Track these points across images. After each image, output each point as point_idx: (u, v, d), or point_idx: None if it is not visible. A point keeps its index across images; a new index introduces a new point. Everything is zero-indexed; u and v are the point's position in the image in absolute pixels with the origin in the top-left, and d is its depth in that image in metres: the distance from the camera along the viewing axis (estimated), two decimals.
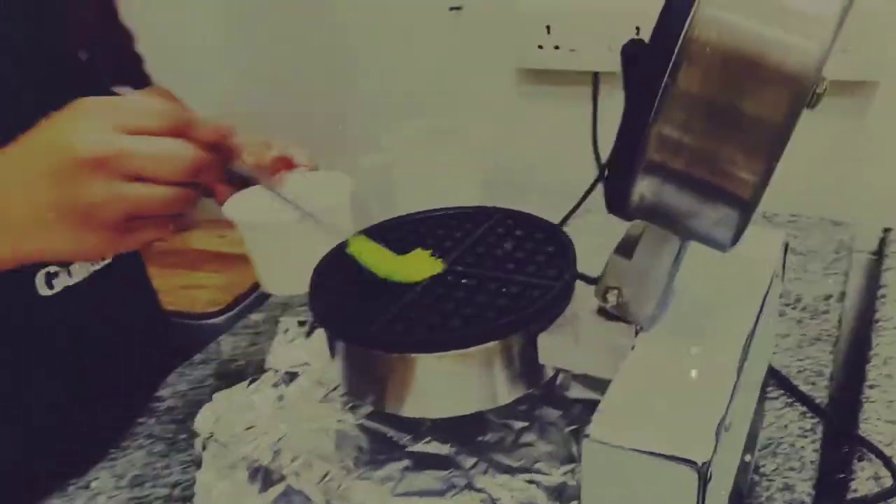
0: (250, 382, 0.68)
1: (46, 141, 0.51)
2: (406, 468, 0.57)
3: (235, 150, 0.59)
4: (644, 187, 0.41)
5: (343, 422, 0.62)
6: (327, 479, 0.57)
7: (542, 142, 1.21)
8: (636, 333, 0.51)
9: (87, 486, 0.74)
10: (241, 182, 0.61)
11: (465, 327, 0.54)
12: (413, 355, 0.53)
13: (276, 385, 0.68)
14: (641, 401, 0.45)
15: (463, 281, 0.59)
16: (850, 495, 0.65)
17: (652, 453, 0.42)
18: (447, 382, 0.55)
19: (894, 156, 0.98)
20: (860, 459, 0.67)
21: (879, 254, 0.97)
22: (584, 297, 0.57)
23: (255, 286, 1.32)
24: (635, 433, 0.43)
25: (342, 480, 0.57)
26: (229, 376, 0.87)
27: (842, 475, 0.67)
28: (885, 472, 0.66)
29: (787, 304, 0.86)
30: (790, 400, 0.74)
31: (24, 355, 0.75)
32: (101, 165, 0.49)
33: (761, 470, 0.67)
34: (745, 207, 0.39)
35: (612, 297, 0.49)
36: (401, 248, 0.64)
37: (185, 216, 0.56)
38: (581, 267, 0.94)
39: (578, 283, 0.59)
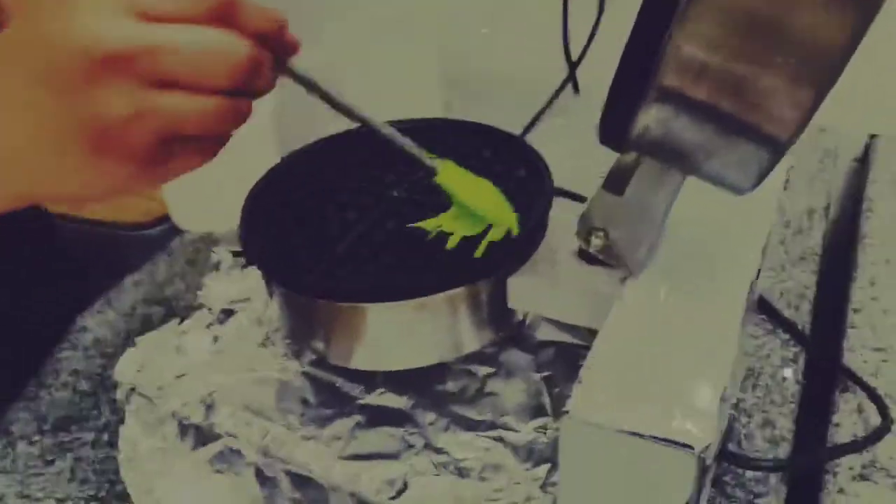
0: (180, 321, 0.60)
1: (42, 33, 0.36)
2: (357, 425, 0.51)
3: (292, 45, 0.43)
4: (652, 117, 0.33)
5: (286, 370, 0.55)
6: (267, 438, 0.51)
7: (505, 34, 1.11)
8: (623, 280, 0.44)
9: (7, 432, 0.66)
10: None
11: (424, 272, 0.46)
12: (364, 305, 0.46)
13: (209, 325, 0.60)
14: (629, 368, 0.39)
15: (420, 212, 0.51)
16: (833, 430, 0.61)
17: (642, 435, 0.35)
18: (403, 333, 0.48)
19: (883, 57, 0.90)
20: (844, 391, 0.63)
21: (864, 161, 0.91)
22: (559, 231, 0.49)
23: None
24: (622, 410, 0.36)
25: (285, 440, 0.50)
26: (162, 303, 0.79)
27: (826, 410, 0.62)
28: (869, 405, 0.62)
29: None
30: (771, 326, 0.69)
31: None
32: (123, 67, 0.35)
33: (741, 405, 0.63)
34: (779, 149, 0.32)
35: (596, 240, 0.42)
36: (350, 168, 0.56)
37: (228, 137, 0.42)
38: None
39: (553, 214, 0.51)
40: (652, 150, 0.35)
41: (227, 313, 0.61)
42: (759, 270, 0.44)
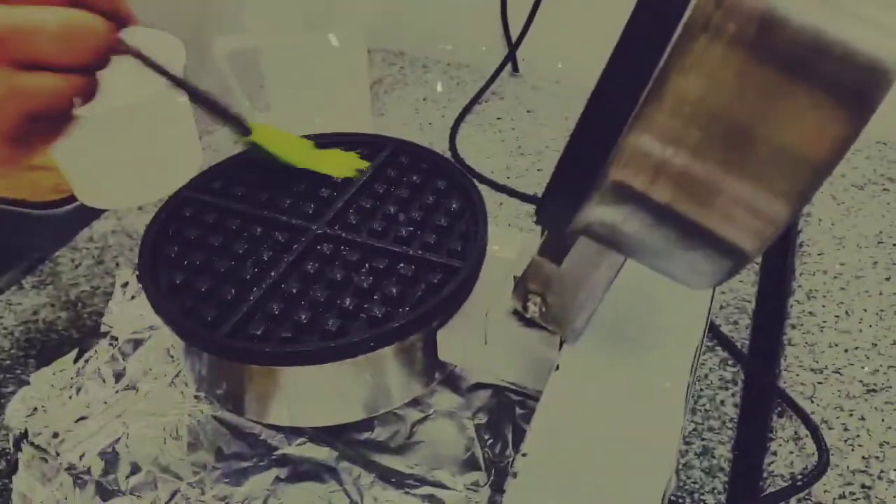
0: (79, 355, 0.55)
1: None
2: (275, 481, 0.47)
3: (131, 17, 0.43)
4: (597, 215, 0.29)
5: (197, 413, 0.51)
6: (175, 498, 0.46)
7: (444, 13, 1.05)
8: (560, 345, 0.40)
9: None
10: None
11: (344, 329, 0.42)
12: (278, 368, 0.42)
13: (113, 358, 0.55)
14: (566, 458, 0.35)
15: (343, 252, 0.47)
16: (769, 458, 0.59)
17: None
18: (324, 392, 0.44)
19: None
20: (780, 416, 0.62)
21: None
22: (493, 274, 0.45)
23: None
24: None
25: (195, 501, 0.46)
26: (67, 308, 0.73)
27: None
28: (805, 431, 0.60)
29: None
30: (710, 343, 0.67)
31: None
32: None
33: None
34: (743, 260, 0.28)
35: (533, 307, 0.38)
36: (263, 195, 0.51)
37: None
38: (481, 166, 0.84)
39: (491, 239, 0.47)
40: (599, 240, 0.31)
41: (134, 344, 0.55)
42: (705, 332, 0.41)
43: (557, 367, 0.39)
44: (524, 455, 0.36)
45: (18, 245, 0.85)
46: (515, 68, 0.99)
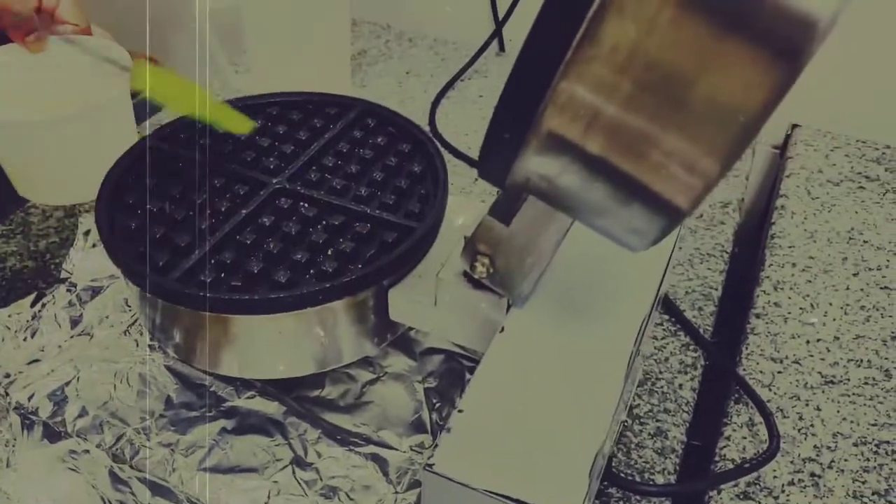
0: (36, 299, 0.55)
1: None
2: (221, 431, 0.47)
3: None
4: (532, 166, 0.29)
5: (149, 362, 0.51)
6: (121, 442, 0.46)
7: None
8: (507, 308, 0.40)
9: None
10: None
11: (294, 282, 0.42)
12: (228, 316, 0.42)
13: (70, 304, 0.55)
14: (502, 418, 0.35)
15: (301, 207, 0.47)
16: (722, 443, 0.60)
17: (508, 498, 0.33)
18: (275, 344, 0.44)
19: None
20: (737, 402, 0.62)
21: (782, 151, 0.89)
22: (449, 239, 0.45)
23: None
24: (489, 467, 0.33)
25: (139, 446, 0.46)
26: (36, 257, 0.73)
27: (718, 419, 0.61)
28: (759, 418, 0.61)
29: None
30: (674, 327, 0.67)
31: None
32: None
33: (635, 410, 0.61)
34: (677, 217, 0.28)
35: (481, 268, 0.38)
36: (227, 148, 0.51)
37: None
38: (459, 142, 0.83)
39: (449, 210, 0.47)
40: (539, 196, 0.31)
41: (92, 291, 0.55)
42: (655, 305, 0.41)
43: (503, 329, 0.39)
44: (460, 411, 0.36)
45: None
46: (502, 48, 0.99)
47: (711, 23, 0.24)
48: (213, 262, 0.43)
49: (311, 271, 0.43)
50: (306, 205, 0.46)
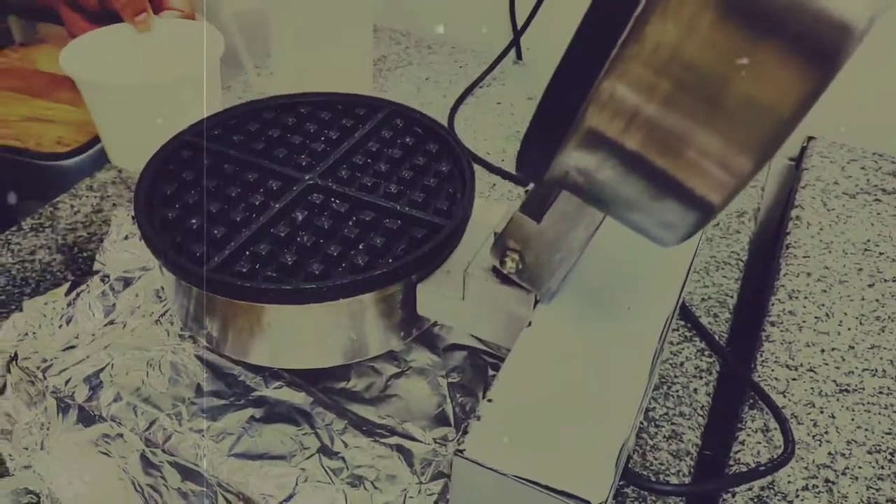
0: (71, 288, 0.56)
1: None
2: (250, 420, 0.48)
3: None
4: (572, 162, 0.30)
5: (181, 352, 0.52)
6: (154, 427, 0.48)
7: None
8: (534, 304, 0.42)
9: None
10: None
11: (326, 274, 0.44)
12: (261, 305, 0.43)
13: (104, 294, 0.56)
14: (530, 408, 0.37)
15: (333, 203, 0.48)
16: (737, 448, 0.61)
17: (537, 484, 0.34)
18: (304, 334, 0.45)
19: None
20: (752, 407, 0.63)
21: (798, 162, 0.90)
22: (477, 236, 0.47)
23: None
24: (519, 454, 0.35)
25: (171, 431, 0.47)
26: (64, 251, 0.74)
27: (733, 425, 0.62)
28: (774, 424, 0.62)
29: None
30: (690, 333, 0.68)
31: None
32: None
33: (651, 413, 0.62)
34: (709, 212, 0.29)
35: (511, 263, 0.40)
36: (260, 145, 0.52)
37: None
38: (477, 148, 0.85)
39: (476, 209, 0.48)
40: (574, 192, 0.32)
41: (124, 282, 0.57)
42: (678, 304, 0.42)
43: (530, 324, 0.40)
44: (489, 401, 0.37)
45: (21, 195, 0.87)
46: (519, 56, 1.00)
47: (749, 26, 0.25)
48: (247, 253, 0.45)
49: (343, 265, 0.44)
50: (338, 201, 0.48)
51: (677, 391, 0.64)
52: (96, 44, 0.70)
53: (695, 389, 0.64)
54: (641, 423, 0.61)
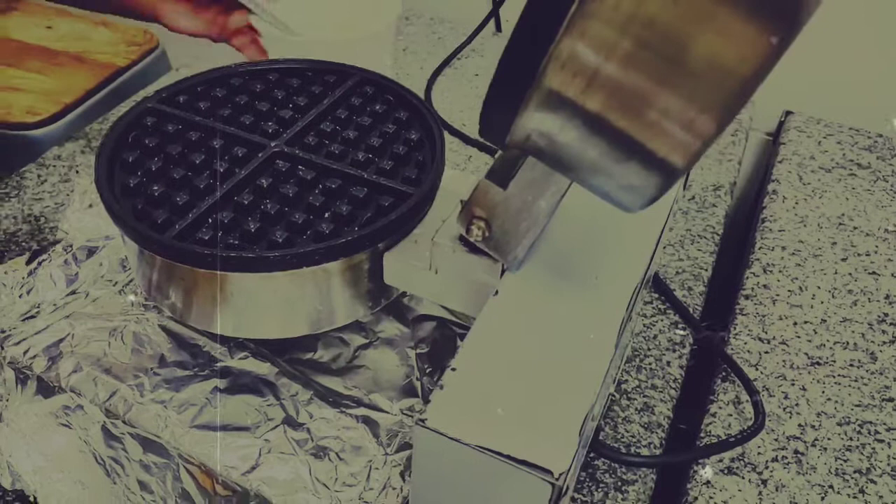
0: (32, 257, 0.55)
1: None
2: (214, 390, 0.48)
3: None
4: (533, 123, 0.29)
5: (144, 321, 0.51)
6: (115, 398, 0.47)
7: None
8: (501, 272, 0.41)
9: None
10: None
11: (290, 242, 0.43)
12: (223, 273, 0.42)
13: (66, 263, 0.55)
14: (494, 377, 0.36)
15: (299, 171, 0.47)
16: (708, 420, 0.61)
17: (499, 454, 0.33)
18: (269, 303, 0.44)
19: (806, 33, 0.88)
20: (724, 380, 0.63)
21: (776, 137, 0.90)
22: (445, 206, 0.46)
23: (88, 94, 1.13)
24: (481, 424, 0.34)
25: (132, 403, 0.47)
26: (30, 220, 0.73)
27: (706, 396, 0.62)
28: (746, 396, 0.62)
29: None
30: (664, 306, 0.68)
31: None
32: None
33: (623, 386, 0.62)
34: (673, 175, 0.29)
35: (477, 231, 0.39)
36: (226, 111, 0.51)
37: None
38: (454, 120, 0.84)
39: (445, 180, 0.48)
40: (538, 156, 0.32)
41: (88, 251, 0.56)
42: (647, 273, 0.42)
43: (497, 293, 0.40)
44: (453, 370, 0.36)
45: None
46: (499, 28, 0.99)
47: None
48: (210, 220, 0.44)
49: (308, 232, 0.43)
50: (304, 168, 0.47)
51: (650, 364, 0.64)
52: None
53: (668, 362, 0.64)
54: (613, 395, 0.61)
